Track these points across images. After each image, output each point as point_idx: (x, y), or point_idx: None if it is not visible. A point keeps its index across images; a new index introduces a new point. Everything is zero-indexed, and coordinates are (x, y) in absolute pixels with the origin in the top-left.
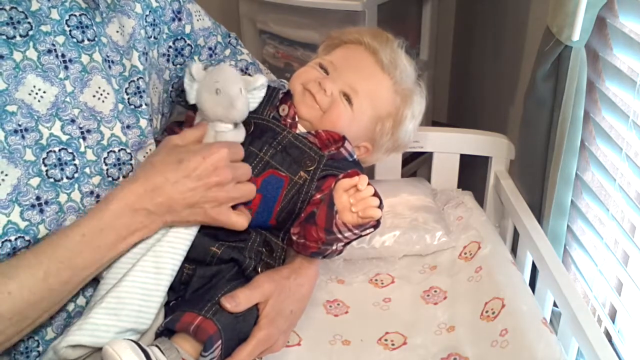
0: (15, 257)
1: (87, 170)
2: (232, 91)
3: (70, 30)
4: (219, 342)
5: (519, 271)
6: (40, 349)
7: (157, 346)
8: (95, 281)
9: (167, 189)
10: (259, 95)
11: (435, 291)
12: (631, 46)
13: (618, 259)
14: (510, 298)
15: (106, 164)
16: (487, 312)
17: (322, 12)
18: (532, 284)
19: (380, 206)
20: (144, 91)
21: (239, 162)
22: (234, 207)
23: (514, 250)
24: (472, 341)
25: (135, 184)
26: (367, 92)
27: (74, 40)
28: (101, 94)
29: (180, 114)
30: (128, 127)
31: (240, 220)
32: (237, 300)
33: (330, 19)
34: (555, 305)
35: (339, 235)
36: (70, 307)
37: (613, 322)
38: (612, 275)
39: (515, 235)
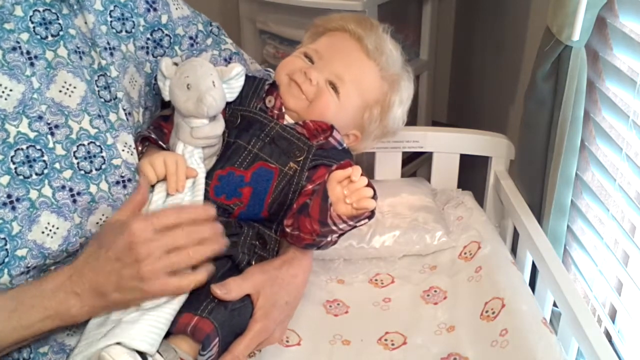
0: None
1: (57, 165)
2: (202, 85)
3: (34, 27)
4: (216, 339)
5: (519, 271)
6: (32, 344)
7: None
8: None
9: (88, 273)
10: (237, 85)
11: (435, 291)
12: (631, 46)
13: (618, 259)
14: (510, 298)
15: (76, 158)
16: (487, 312)
17: (322, 12)
18: (532, 284)
19: (374, 196)
20: (110, 85)
21: (177, 227)
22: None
23: (514, 250)
24: (472, 341)
25: (66, 268)
26: (354, 79)
27: (38, 37)
28: (67, 89)
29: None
30: (99, 117)
31: (182, 285)
32: (228, 288)
33: None
34: (555, 305)
35: (334, 227)
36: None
37: (613, 322)
38: (612, 275)
39: (515, 235)
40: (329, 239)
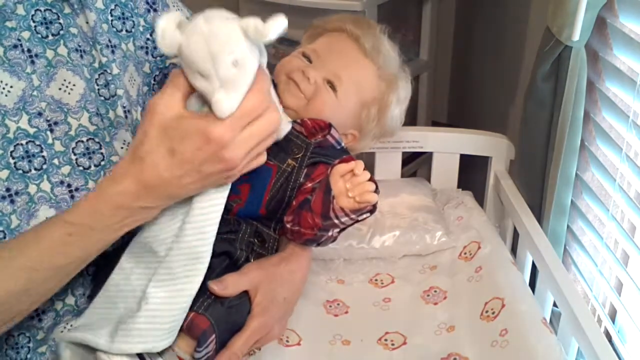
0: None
1: (56, 161)
2: (215, 76)
3: (35, 26)
4: (213, 336)
5: (519, 271)
6: (31, 345)
7: None
8: (84, 278)
9: (162, 186)
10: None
11: (435, 291)
12: (631, 46)
13: (618, 259)
14: (510, 298)
15: (75, 154)
16: (487, 312)
17: (322, 12)
18: (532, 284)
19: (376, 190)
20: (110, 82)
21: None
22: None
23: (514, 250)
24: (472, 341)
25: (125, 183)
26: (351, 78)
27: (39, 35)
28: (67, 86)
29: None
30: (97, 114)
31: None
32: (225, 284)
33: None
34: (555, 305)
35: (336, 221)
36: (59, 306)
37: (613, 322)
38: (612, 275)
39: (515, 235)
40: (329, 233)
